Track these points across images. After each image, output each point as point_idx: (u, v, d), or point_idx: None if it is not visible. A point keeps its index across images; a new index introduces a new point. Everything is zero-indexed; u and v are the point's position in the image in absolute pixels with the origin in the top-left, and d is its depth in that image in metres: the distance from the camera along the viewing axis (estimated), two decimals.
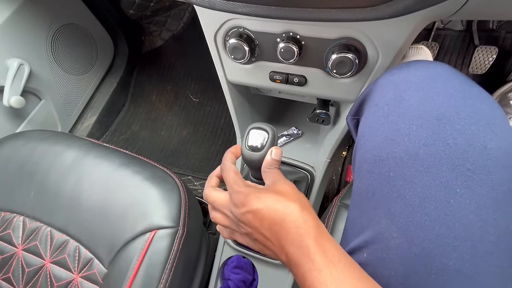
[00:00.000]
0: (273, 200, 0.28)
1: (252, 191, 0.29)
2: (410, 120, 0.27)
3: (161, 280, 0.42)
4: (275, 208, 0.27)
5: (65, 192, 0.49)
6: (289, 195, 0.29)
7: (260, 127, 0.36)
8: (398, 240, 0.25)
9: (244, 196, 0.29)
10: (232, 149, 0.37)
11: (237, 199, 0.30)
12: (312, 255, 0.24)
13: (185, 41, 1.13)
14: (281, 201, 0.28)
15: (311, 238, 0.25)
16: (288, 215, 0.27)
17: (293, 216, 0.27)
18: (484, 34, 0.81)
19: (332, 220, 0.49)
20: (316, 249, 0.25)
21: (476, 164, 0.24)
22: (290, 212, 0.27)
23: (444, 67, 0.30)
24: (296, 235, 0.26)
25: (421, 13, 0.31)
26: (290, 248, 0.26)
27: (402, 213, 0.25)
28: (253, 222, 0.28)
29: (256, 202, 0.28)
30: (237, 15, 0.38)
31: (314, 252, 0.24)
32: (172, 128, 1.08)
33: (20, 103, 0.76)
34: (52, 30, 0.85)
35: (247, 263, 0.63)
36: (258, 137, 0.35)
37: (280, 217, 0.27)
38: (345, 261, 0.24)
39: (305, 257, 0.25)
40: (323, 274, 0.23)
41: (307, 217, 0.27)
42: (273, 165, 0.33)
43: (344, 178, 0.87)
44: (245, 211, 0.29)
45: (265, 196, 0.29)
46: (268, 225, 0.27)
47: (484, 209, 0.23)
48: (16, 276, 0.48)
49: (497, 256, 0.23)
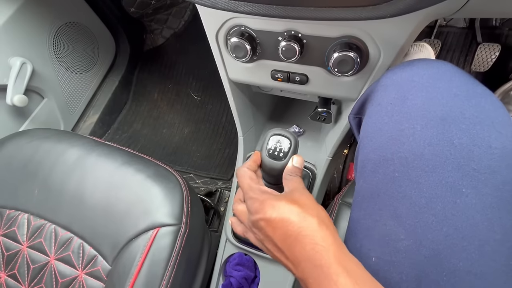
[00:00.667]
0: (288, 210, 0.27)
1: (268, 198, 0.29)
2: (414, 119, 0.27)
3: (164, 276, 0.43)
4: (290, 219, 0.26)
5: (68, 190, 0.50)
6: (307, 207, 0.27)
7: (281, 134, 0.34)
8: (406, 242, 0.25)
9: (259, 203, 0.28)
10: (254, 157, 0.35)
11: (252, 206, 0.29)
12: (335, 276, 0.23)
13: (186, 39, 1.13)
14: (297, 213, 0.26)
15: (331, 257, 0.24)
16: (304, 229, 0.25)
17: (310, 230, 0.25)
18: (487, 31, 0.81)
19: (334, 218, 0.49)
20: (338, 270, 0.23)
21: (481, 163, 0.24)
22: (307, 226, 0.25)
23: (448, 65, 0.30)
24: (313, 251, 0.24)
25: (423, 11, 0.31)
26: (307, 266, 0.24)
27: (408, 214, 0.25)
28: (266, 230, 0.27)
29: (270, 211, 0.27)
30: (238, 14, 0.38)
31: (336, 273, 0.23)
32: (174, 126, 1.08)
33: (23, 102, 0.77)
34: (54, 28, 0.86)
35: (249, 260, 0.64)
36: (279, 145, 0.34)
37: (295, 229, 0.25)
38: (370, 284, 0.23)
39: (326, 278, 0.23)
40: None
41: (325, 233, 0.25)
42: (294, 173, 0.33)
43: (346, 176, 0.87)
44: (259, 218, 0.28)
45: (280, 205, 0.27)
46: (281, 236, 0.26)
47: (490, 208, 0.23)
48: (22, 272, 0.49)
49: (503, 254, 0.23)
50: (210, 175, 0.95)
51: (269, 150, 0.34)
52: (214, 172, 0.96)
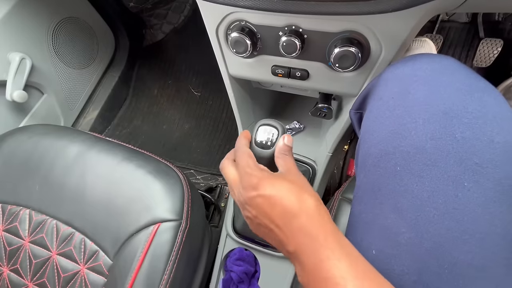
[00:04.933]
0: (287, 190, 0.27)
1: (267, 176, 0.28)
2: (416, 114, 0.27)
3: (165, 271, 0.43)
4: (290, 198, 0.27)
5: (69, 186, 0.50)
6: (304, 188, 0.28)
7: (269, 123, 0.35)
8: (408, 235, 0.25)
9: (257, 180, 0.28)
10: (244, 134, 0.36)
11: (248, 182, 0.29)
12: (331, 244, 0.24)
13: (186, 34, 1.12)
14: (296, 192, 0.27)
15: (328, 230, 0.25)
16: (304, 207, 0.26)
17: (309, 209, 0.26)
18: (489, 26, 0.80)
19: (334, 214, 0.49)
20: (333, 241, 0.24)
21: (483, 158, 0.24)
22: (305, 205, 0.26)
23: (450, 60, 0.29)
24: (310, 226, 0.25)
25: (425, 6, 0.31)
26: (302, 238, 0.25)
27: (410, 207, 0.25)
28: (263, 207, 0.27)
29: (270, 188, 0.27)
30: (239, 8, 0.38)
31: (332, 242, 0.24)
32: (174, 122, 1.08)
33: (22, 98, 0.77)
34: (53, 23, 0.85)
35: (249, 255, 0.64)
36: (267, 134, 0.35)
37: (294, 206, 0.26)
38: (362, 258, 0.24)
39: (321, 247, 0.24)
40: (343, 262, 0.23)
41: (322, 211, 0.26)
42: (286, 151, 0.33)
43: (346, 172, 0.87)
44: (256, 195, 0.28)
45: (279, 183, 0.28)
46: (279, 213, 0.27)
47: (492, 202, 0.23)
48: (24, 267, 0.49)
49: (504, 248, 0.23)
50: (210, 171, 0.95)
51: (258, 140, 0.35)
52: (215, 168, 0.96)
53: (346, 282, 0.22)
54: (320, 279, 0.23)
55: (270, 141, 0.35)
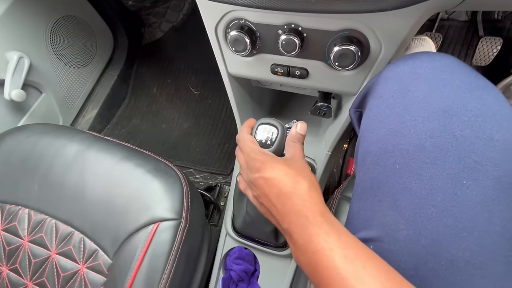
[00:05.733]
0: (284, 173, 0.30)
1: (269, 160, 0.31)
2: (416, 112, 0.27)
3: (165, 270, 0.43)
4: (285, 180, 0.29)
5: (68, 185, 0.50)
6: (302, 173, 0.30)
7: (269, 122, 0.36)
8: (406, 231, 0.25)
9: (260, 163, 0.31)
10: (248, 122, 0.38)
11: (253, 165, 0.32)
12: (319, 222, 0.25)
13: (185, 32, 1.12)
14: (292, 175, 0.29)
15: (316, 210, 0.26)
16: (297, 189, 0.28)
17: (301, 191, 0.28)
18: (489, 24, 0.80)
19: (333, 212, 0.49)
20: (322, 219, 0.26)
21: (482, 156, 0.24)
22: (299, 188, 0.28)
23: (450, 58, 0.29)
24: (301, 206, 0.27)
25: (425, 4, 0.30)
26: (294, 216, 0.27)
27: (408, 205, 0.25)
28: (263, 187, 0.30)
29: (270, 171, 0.30)
30: (238, 6, 0.37)
31: (321, 221, 0.26)
32: (173, 121, 1.08)
33: (21, 97, 0.76)
34: (51, 22, 0.84)
35: (248, 254, 0.64)
36: (267, 133, 0.36)
37: (288, 188, 0.28)
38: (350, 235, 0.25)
39: (310, 224, 0.26)
40: (331, 237, 0.24)
41: (313, 194, 0.28)
42: (297, 139, 0.35)
43: (345, 171, 0.88)
44: (258, 177, 0.31)
45: (278, 167, 0.30)
46: (276, 193, 0.29)
47: (490, 200, 0.23)
48: (23, 267, 0.49)
49: (502, 245, 0.23)
50: (209, 170, 0.95)
51: (257, 138, 0.36)
52: (214, 167, 0.96)
53: (334, 253, 0.23)
54: (310, 253, 0.24)
55: (270, 140, 0.36)
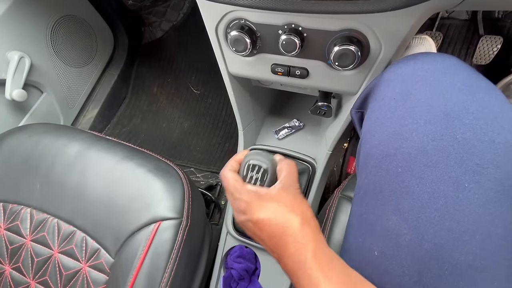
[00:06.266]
0: (274, 212, 0.29)
1: (254, 200, 0.30)
2: (418, 115, 0.27)
3: (166, 269, 0.43)
4: (276, 221, 0.28)
5: (70, 185, 0.50)
6: (292, 206, 0.29)
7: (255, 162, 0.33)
8: (409, 236, 0.25)
9: (245, 204, 0.30)
10: (236, 157, 0.37)
11: (238, 206, 0.31)
12: (309, 271, 0.25)
13: (185, 32, 1.12)
14: (282, 213, 0.28)
15: (308, 253, 0.26)
16: (288, 229, 0.28)
17: (292, 230, 0.27)
18: (489, 23, 0.80)
19: (333, 211, 0.50)
20: (312, 264, 0.26)
21: (484, 158, 0.24)
22: (290, 226, 0.28)
23: (452, 59, 0.29)
24: (294, 249, 0.27)
25: (425, 4, 0.31)
26: (289, 261, 0.27)
27: (411, 209, 0.25)
28: (254, 230, 0.30)
29: (258, 212, 0.29)
30: (238, 7, 0.38)
31: (310, 268, 0.26)
32: (174, 120, 1.08)
33: (22, 96, 0.76)
34: (51, 22, 0.84)
35: (249, 252, 0.65)
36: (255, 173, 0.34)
37: (280, 230, 0.28)
38: (339, 273, 0.25)
39: (302, 272, 0.26)
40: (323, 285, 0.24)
41: (306, 231, 0.28)
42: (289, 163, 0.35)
43: (345, 170, 0.88)
44: (245, 219, 0.30)
45: (266, 207, 0.29)
46: (268, 236, 0.29)
47: (492, 203, 0.23)
48: (26, 265, 0.49)
49: (505, 248, 0.23)
50: (210, 169, 0.96)
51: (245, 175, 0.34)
52: (214, 166, 0.96)
53: None
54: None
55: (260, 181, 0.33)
